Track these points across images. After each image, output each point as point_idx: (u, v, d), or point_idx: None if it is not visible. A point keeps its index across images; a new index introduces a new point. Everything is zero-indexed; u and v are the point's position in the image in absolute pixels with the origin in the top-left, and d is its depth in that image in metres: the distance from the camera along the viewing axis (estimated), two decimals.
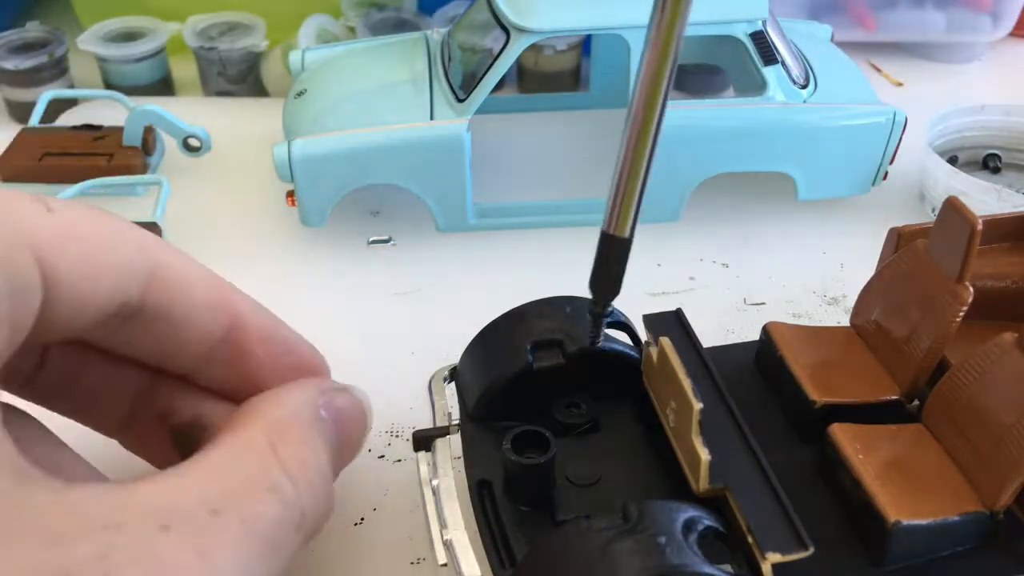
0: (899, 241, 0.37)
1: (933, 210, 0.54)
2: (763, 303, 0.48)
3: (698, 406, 0.27)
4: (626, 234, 0.28)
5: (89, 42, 0.65)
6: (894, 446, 0.31)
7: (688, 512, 0.26)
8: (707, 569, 0.24)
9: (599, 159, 0.58)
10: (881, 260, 0.38)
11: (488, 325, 0.32)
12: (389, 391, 0.42)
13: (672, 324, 0.33)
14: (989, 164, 0.59)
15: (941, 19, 0.70)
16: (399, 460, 0.39)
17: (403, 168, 0.50)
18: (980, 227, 0.30)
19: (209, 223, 0.55)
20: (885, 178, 0.53)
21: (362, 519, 0.36)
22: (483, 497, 0.29)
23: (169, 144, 0.60)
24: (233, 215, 0.55)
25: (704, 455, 0.27)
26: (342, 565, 0.35)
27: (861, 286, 0.36)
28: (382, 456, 0.39)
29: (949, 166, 0.53)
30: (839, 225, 0.54)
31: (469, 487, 0.30)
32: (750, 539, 0.26)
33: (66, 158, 0.56)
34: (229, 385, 0.31)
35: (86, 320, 0.26)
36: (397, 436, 0.40)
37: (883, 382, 0.34)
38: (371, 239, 0.53)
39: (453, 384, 0.34)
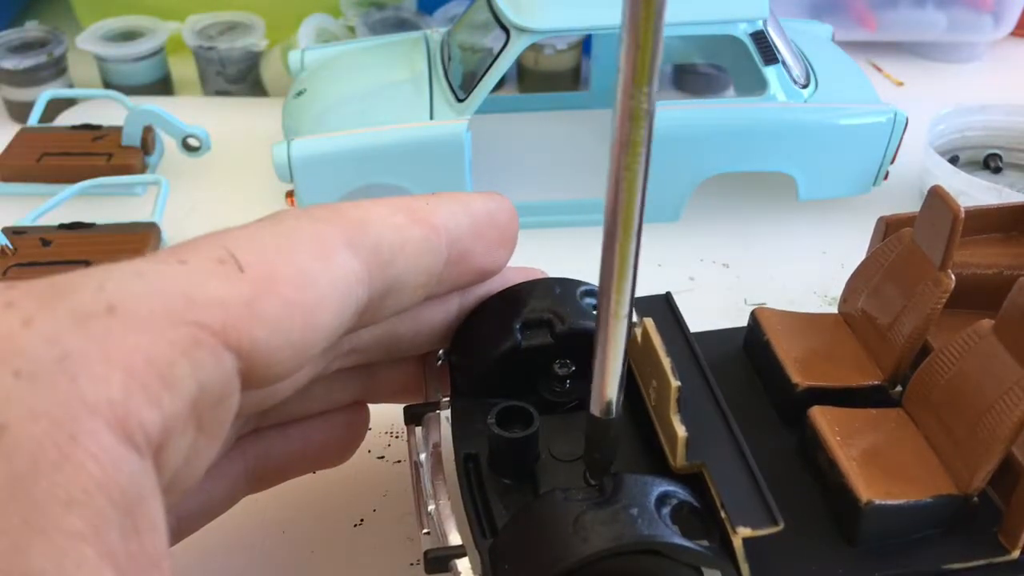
0: (887, 230, 0.37)
1: None
2: (763, 303, 0.48)
3: (675, 384, 0.27)
4: (611, 416, 0.27)
5: (88, 42, 0.65)
6: (873, 429, 0.31)
7: (662, 486, 0.26)
8: (676, 540, 0.25)
9: (599, 159, 0.58)
10: (870, 249, 0.38)
11: (480, 305, 0.32)
12: None
13: (660, 307, 0.34)
14: (990, 164, 0.59)
15: (942, 19, 0.70)
16: (399, 461, 0.39)
17: (403, 168, 0.49)
18: (962, 216, 0.30)
19: (208, 223, 0.54)
20: (886, 178, 0.53)
21: (361, 520, 0.36)
22: (469, 470, 0.30)
23: (168, 144, 0.60)
24: (232, 215, 0.55)
25: (681, 432, 0.27)
26: (341, 566, 0.35)
27: None
28: (382, 457, 0.39)
29: (950, 166, 0.53)
30: (839, 225, 0.54)
31: (456, 460, 0.30)
32: (723, 514, 0.26)
33: (65, 158, 0.56)
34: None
35: (316, 354, 0.23)
36: (397, 437, 0.40)
37: (867, 368, 0.34)
38: None
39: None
